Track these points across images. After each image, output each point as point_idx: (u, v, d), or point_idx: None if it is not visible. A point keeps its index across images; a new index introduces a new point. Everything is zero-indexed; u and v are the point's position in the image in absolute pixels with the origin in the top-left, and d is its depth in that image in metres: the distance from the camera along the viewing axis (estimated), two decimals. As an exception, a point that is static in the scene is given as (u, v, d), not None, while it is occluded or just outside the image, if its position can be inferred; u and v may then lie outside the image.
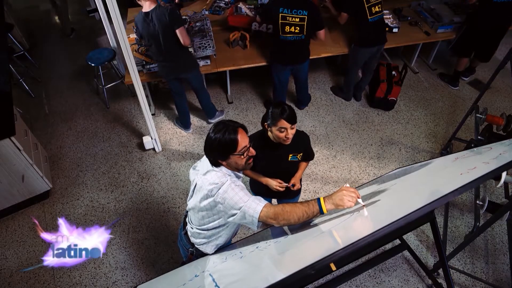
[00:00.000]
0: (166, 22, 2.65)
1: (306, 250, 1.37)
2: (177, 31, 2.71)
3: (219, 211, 1.47)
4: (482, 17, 3.41)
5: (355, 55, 3.45)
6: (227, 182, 1.42)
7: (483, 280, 2.46)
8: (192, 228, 1.67)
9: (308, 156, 2.09)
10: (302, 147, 1.98)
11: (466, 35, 3.62)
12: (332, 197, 1.34)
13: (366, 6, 3.12)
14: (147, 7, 2.65)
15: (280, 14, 2.90)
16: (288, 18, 2.91)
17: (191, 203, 1.58)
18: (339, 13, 3.30)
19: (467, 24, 3.61)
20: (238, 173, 1.57)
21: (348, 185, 1.39)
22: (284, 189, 1.99)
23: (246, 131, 1.49)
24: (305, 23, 2.95)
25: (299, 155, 1.98)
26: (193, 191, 1.57)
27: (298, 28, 2.96)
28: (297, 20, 2.93)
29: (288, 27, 2.95)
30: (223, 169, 1.50)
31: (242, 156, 1.46)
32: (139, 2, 2.67)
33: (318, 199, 1.36)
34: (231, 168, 1.52)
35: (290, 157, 1.95)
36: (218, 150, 1.44)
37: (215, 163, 1.50)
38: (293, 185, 2.00)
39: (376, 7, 3.17)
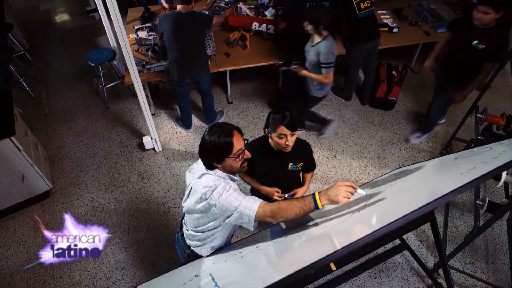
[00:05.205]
0: (201, 25, 2.81)
1: (306, 250, 1.37)
2: (214, 19, 2.94)
3: (214, 214, 1.46)
4: None
5: (351, 54, 3.45)
6: (220, 185, 1.41)
7: (483, 280, 2.46)
8: (187, 230, 1.67)
9: (310, 166, 2.06)
10: (303, 156, 1.96)
11: None
12: (327, 193, 1.31)
13: (354, 2, 3.12)
14: (182, 9, 2.74)
15: None
16: None
17: (186, 205, 1.57)
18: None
19: None
20: (233, 176, 1.56)
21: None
22: (282, 199, 1.96)
23: (241, 133, 1.48)
24: None
25: (299, 164, 1.95)
26: (188, 194, 1.56)
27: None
28: None
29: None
30: (217, 172, 1.49)
31: (237, 159, 1.45)
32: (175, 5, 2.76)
33: (313, 194, 1.33)
34: (226, 171, 1.51)
35: (290, 166, 1.93)
36: (213, 153, 1.43)
37: (209, 165, 1.49)
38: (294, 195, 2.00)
39: (365, 2, 3.16)
